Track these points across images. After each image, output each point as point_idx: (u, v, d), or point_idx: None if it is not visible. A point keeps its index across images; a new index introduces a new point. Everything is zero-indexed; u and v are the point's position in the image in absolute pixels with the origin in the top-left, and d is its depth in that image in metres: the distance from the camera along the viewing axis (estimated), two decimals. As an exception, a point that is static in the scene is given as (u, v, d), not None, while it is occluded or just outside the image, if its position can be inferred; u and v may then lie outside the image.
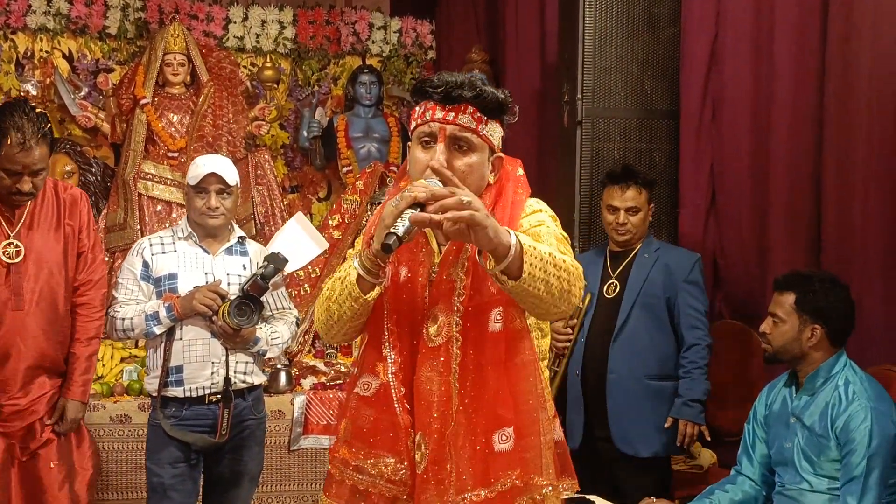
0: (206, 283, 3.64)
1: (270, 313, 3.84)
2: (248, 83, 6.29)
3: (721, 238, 4.51)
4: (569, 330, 4.05)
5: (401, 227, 1.91)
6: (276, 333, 3.78)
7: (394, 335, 2.14)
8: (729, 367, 4.32)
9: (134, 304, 3.66)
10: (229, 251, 3.75)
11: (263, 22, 6.50)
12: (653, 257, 4.05)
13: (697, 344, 3.97)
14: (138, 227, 5.70)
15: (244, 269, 3.73)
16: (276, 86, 6.39)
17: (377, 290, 2.11)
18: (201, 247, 3.72)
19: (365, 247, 2.11)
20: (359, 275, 2.09)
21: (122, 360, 5.13)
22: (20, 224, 3.44)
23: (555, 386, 4.05)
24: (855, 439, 3.01)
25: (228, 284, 3.65)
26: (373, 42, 6.74)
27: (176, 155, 5.83)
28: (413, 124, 2.16)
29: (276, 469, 4.77)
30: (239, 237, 3.80)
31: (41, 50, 6.07)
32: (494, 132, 2.16)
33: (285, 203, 6.38)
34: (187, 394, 3.61)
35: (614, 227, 4.08)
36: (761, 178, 4.21)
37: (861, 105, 3.62)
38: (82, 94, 6.00)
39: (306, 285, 5.58)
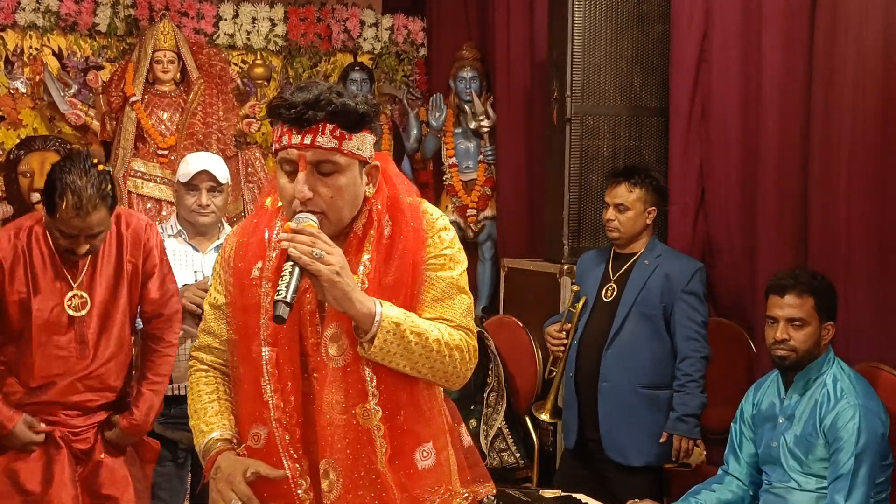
0: (196, 280, 3.62)
1: None
2: (239, 81, 6.27)
3: (709, 236, 4.50)
4: (563, 334, 3.99)
5: (289, 291, 1.84)
6: None
7: (275, 378, 2.00)
8: (716, 365, 4.28)
9: None
10: (218, 249, 3.72)
11: (254, 19, 6.49)
12: (653, 264, 3.92)
13: (693, 356, 3.84)
14: (128, 224, 5.67)
15: None
16: (266, 83, 6.38)
17: None
18: (191, 245, 3.70)
19: None
20: None
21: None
22: (83, 273, 3.17)
23: (553, 388, 4.03)
24: (843, 437, 3.00)
25: None
26: (364, 39, 6.74)
27: (166, 153, 5.82)
28: (274, 146, 1.99)
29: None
30: (228, 235, 3.77)
31: (31, 47, 6.05)
32: (363, 143, 1.98)
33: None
34: (175, 392, 3.58)
35: (605, 223, 4.04)
36: (750, 176, 4.20)
37: (845, 103, 3.62)
38: (72, 91, 5.99)
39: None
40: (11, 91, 5.95)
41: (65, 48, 6.13)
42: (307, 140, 1.91)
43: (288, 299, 1.82)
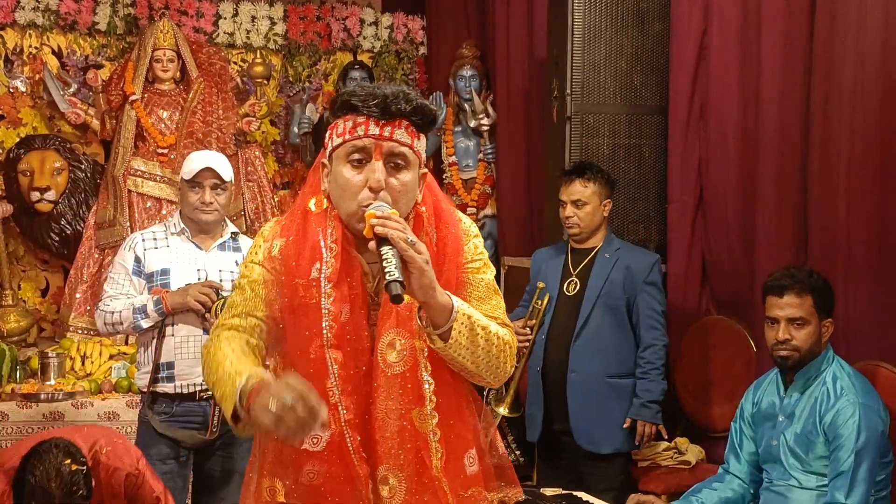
0: (199, 279, 3.62)
1: None
2: (239, 79, 6.27)
3: (708, 233, 4.50)
4: (527, 330, 4.05)
5: (398, 271, 1.81)
6: None
7: (342, 379, 1.97)
8: (715, 362, 4.32)
9: (124, 297, 3.63)
10: (222, 247, 3.74)
11: (254, 18, 6.50)
12: (613, 257, 4.05)
13: (655, 344, 4.00)
14: (128, 223, 5.68)
15: (237, 264, 3.69)
16: (266, 82, 6.38)
17: None
18: (194, 242, 3.70)
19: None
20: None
21: (111, 357, 5.12)
22: None
23: (513, 384, 4.07)
24: (843, 434, 3.00)
25: (221, 280, 3.63)
26: (364, 38, 6.74)
27: (165, 151, 5.82)
28: (336, 140, 1.99)
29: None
30: (232, 233, 3.79)
31: (30, 46, 6.06)
32: (423, 147, 2.03)
33: (276, 199, 6.37)
34: (178, 390, 3.59)
35: (563, 221, 4.12)
36: (749, 174, 4.21)
37: (844, 101, 3.62)
38: (72, 90, 5.99)
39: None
40: (11, 90, 5.95)
41: (64, 47, 6.14)
42: (386, 132, 1.94)
43: (401, 279, 1.80)
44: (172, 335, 3.59)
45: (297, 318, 2.00)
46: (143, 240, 3.70)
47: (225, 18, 6.42)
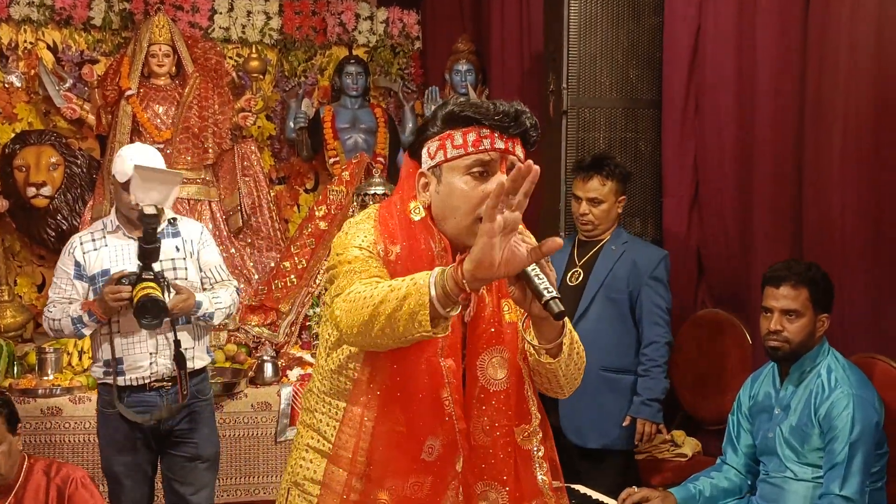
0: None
1: (210, 286, 3.86)
2: (234, 74, 6.27)
3: (704, 227, 4.51)
4: None
5: (552, 286, 1.78)
6: (217, 297, 3.78)
7: (453, 388, 1.93)
8: (710, 356, 4.33)
9: (67, 303, 3.67)
10: (161, 235, 3.72)
11: (249, 13, 6.50)
12: (620, 250, 4.03)
13: (658, 341, 3.96)
14: (124, 219, 5.67)
15: (177, 250, 3.75)
16: (262, 77, 6.38)
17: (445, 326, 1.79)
18: (131, 238, 3.70)
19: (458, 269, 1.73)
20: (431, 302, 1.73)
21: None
22: None
23: None
24: (837, 426, 3.02)
25: (163, 271, 3.65)
26: (359, 32, 6.74)
27: (162, 146, 5.80)
28: (453, 152, 1.95)
29: (262, 461, 4.78)
30: (170, 219, 3.79)
31: (25, 41, 6.05)
32: None
33: (272, 194, 6.38)
34: (128, 383, 3.66)
35: (577, 216, 4.10)
36: (744, 168, 4.21)
37: (839, 94, 3.62)
38: (67, 85, 5.98)
39: (293, 276, 5.58)
40: (6, 85, 5.94)
41: (59, 42, 6.13)
42: (510, 146, 1.94)
43: (559, 295, 1.77)
44: (118, 331, 3.64)
45: None
46: (82, 243, 3.71)
47: (220, 13, 6.42)
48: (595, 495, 3.41)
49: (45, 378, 4.81)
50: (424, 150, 2.02)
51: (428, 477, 1.94)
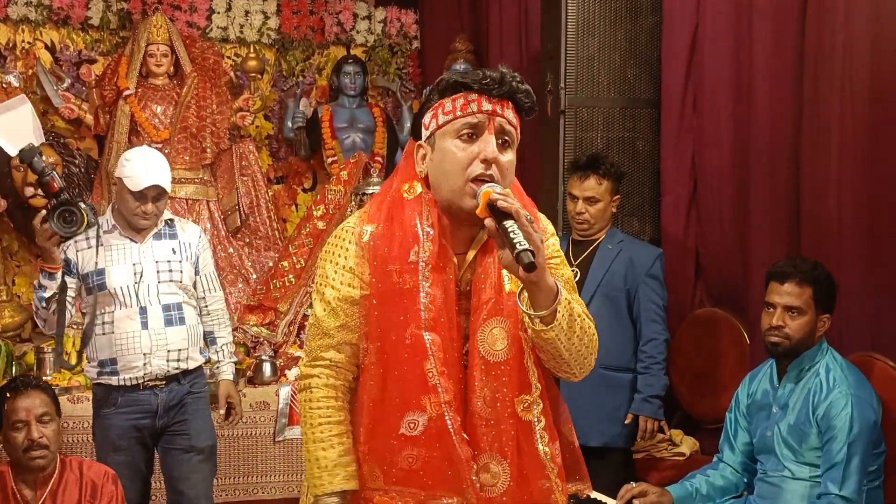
0: (136, 273, 3.67)
1: (202, 296, 3.88)
2: (232, 74, 6.27)
3: (702, 226, 4.52)
4: None
5: (526, 241, 1.81)
6: (227, 344, 3.94)
7: (440, 361, 1.97)
8: (708, 355, 4.33)
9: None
10: (158, 236, 3.76)
11: (247, 12, 6.49)
12: (616, 248, 4.06)
13: (656, 339, 4.01)
14: (122, 218, 5.67)
15: (174, 252, 3.76)
16: (260, 76, 6.37)
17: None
18: (127, 237, 3.71)
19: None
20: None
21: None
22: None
23: None
24: (836, 426, 3.02)
25: (158, 272, 3.68)
26: (357, 32, 6.74)
27: (160, 146, 5.80)
28: (443, 118, 2.00)
29: (261, 460, 4.78)
30: (167, 220, 3.80)
31: (23, 41, 6.05)
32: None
33: (270, 194, 6.38)
34: (122, 383, 3.68)
35: (573, 215, 4.12)
36: (742, 168, 4.21)
37: (835, 93, 3.63)
38: (65, 85, 5.97)
39: (291, 276, 5.58)
40: (4, 85, 5.92)
41: (57, 42, 6.12)
42: (498, 109, 1.98)
43: (532, 248, 1.80)
44: (112, 332, 3.65)
45: (392, 303, 2.01)
46: (76, 241, 3.68)
47: (218, 13, 6.41)
48: (593, 494, 3.41)
49: (44, 378, 4.80)
50: (422, 125, 2.08)
51: (420, 450, 1.98)
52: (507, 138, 2.00)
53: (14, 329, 5.58)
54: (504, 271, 2.00)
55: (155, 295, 3.69)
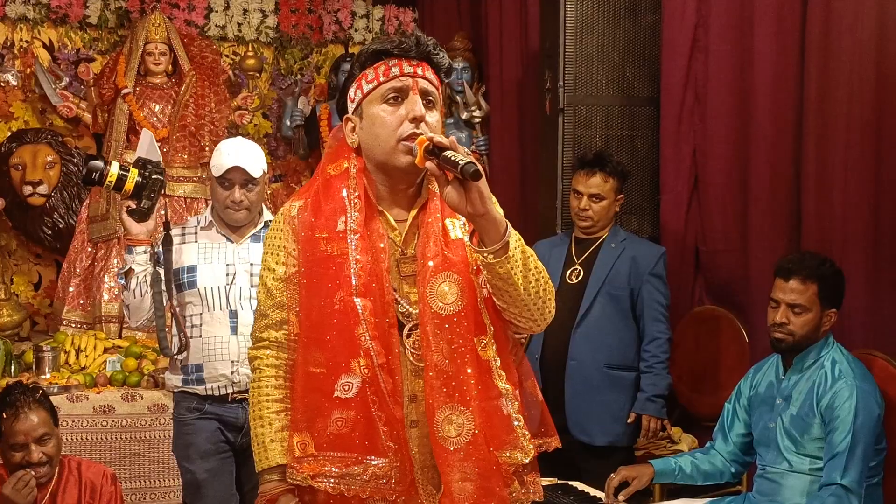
0: (228, 274, 3.48)
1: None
2: (231, 72, 6.27)
3: (702, 224, 4.51)
4: None
5: (466, 156, 1.87)
6: None
7: (371, 326, 2.00)
8: (707, 352, 4.34)
9: None
10: (255, 238, 3.52)
11: (245, 10, 6.48)
12: (619, 247, 4.04)
13: (659, 338, 3.99)
14: (120, 217, 5.67)
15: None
16: (258, 75, 6.38)
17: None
18: (224, 235, 3.53)
19: None
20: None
21: (105, 350, 5.12)
22: None
23: None
24: (839, 416, 3.02)
25: (252, 275, 3.45)
26: (355, 30, 6.74)
27: (158, 145, 5.80)
28: (367, 87, 2.08)
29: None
30: (266, 221, 3.57)
31: (21, 40, 6.04)
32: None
33: (268, 192, 6.36)
34: (209, 392, 3.47)
35: (576, 212, 4.10)
36: (742, 165, 4.22)
37: (840, 92, 3.63)
38: (63, 83, 5.97)
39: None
40: (2, 84, 5.93)
41: (55, 40, 6.11)
42: (419, 71, 2.08)
43: (472, 160, 1.85)
44: (200, 336, 3.45)
45: (322, 271, 2.07)
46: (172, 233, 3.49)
47: (216, 11, 6.40)
48: (592, 492, 3.41)
49: (43, 377, 4.80)
50: (347, 100, 2.16)
51: (350, 412, 2.00)
52: (430, 98, 2.08)
53: (13, 328, 5.58)
54: (448, 222, 2.06)
55: (247, 299, 3.43)
